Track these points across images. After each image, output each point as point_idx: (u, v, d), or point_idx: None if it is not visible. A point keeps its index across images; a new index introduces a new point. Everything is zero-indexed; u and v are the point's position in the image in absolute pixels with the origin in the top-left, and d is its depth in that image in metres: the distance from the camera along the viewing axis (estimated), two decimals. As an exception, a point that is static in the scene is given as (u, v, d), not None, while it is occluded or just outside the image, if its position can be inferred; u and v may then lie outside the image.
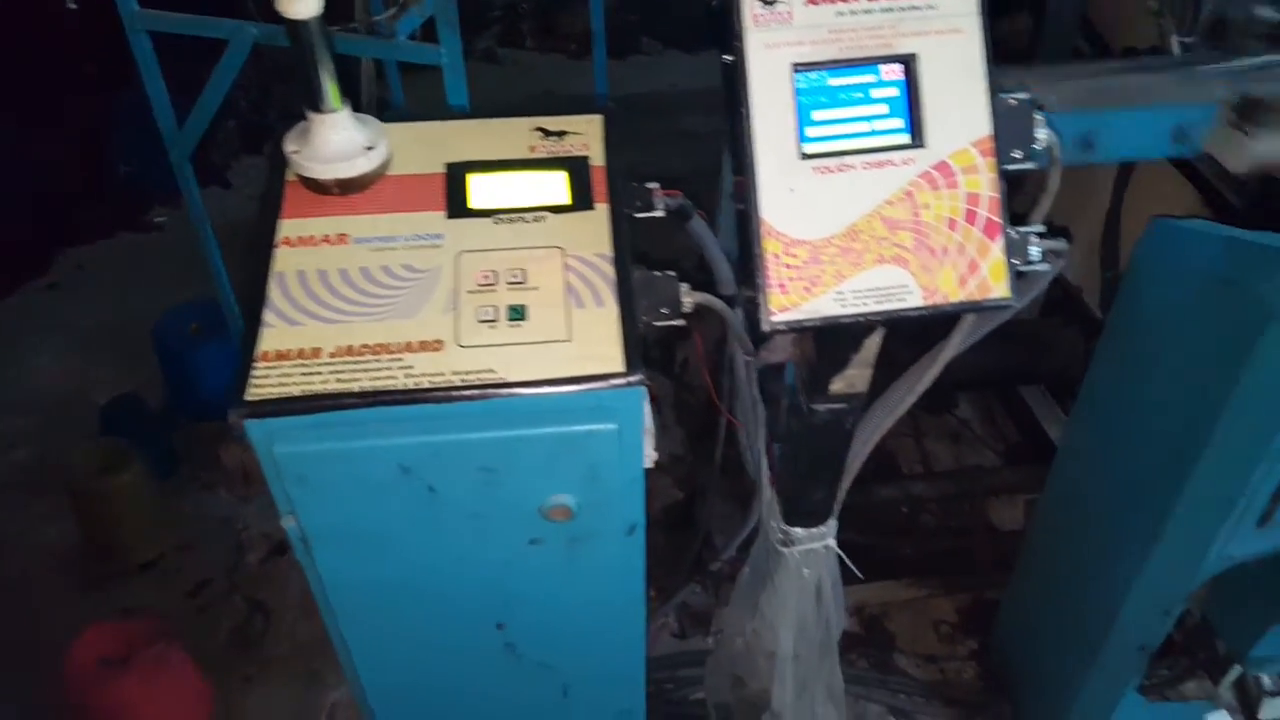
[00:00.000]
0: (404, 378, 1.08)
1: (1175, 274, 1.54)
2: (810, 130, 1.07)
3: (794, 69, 1.06)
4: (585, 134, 1.31)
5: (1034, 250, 1.12)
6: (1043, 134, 1.12)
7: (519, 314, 1.13)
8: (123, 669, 2.07)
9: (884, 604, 2.49)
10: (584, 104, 1.36)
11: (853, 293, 1.08)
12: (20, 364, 3.28)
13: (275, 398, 1.06)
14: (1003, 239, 1.09)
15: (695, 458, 2.71)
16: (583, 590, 1.33)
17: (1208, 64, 1.55)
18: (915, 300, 1.09)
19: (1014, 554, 2.19)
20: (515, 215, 1.22)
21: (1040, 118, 1.11)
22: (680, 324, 1.22)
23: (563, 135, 1.30)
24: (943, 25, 1.08)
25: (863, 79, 1.08)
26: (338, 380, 1.07)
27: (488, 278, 1.16)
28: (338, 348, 1.10)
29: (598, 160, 1.28)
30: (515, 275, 1.16)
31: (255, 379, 1.07)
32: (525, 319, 1.13)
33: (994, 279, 1.10)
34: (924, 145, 1.08)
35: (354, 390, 1.07)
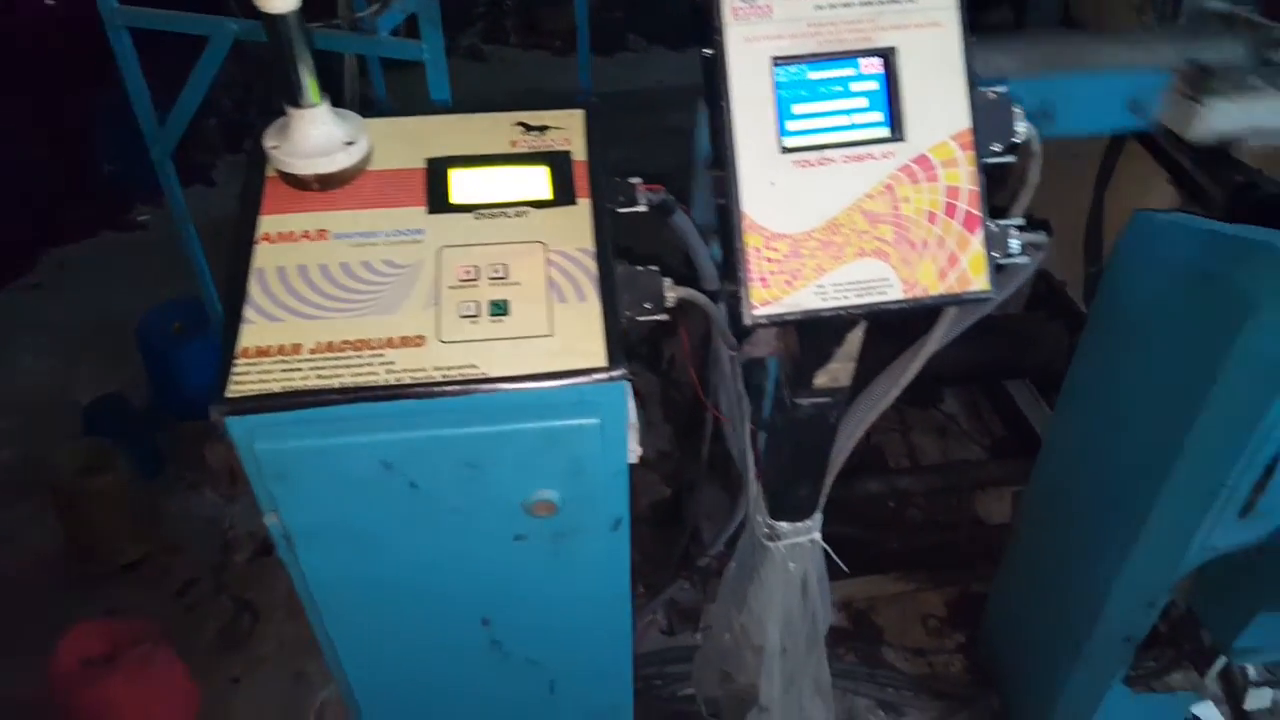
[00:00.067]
0: (385, 373, 1.08)
1: (1156, 267, 1.55)
2: (790, 124, 1.07)
3: (774, 62, 1.06)
4: (567, 129, 1.30)
5: (1014, 243, 1.12)
6: (1022, 127, 1.12)
7: (501, 309, 1.13)
8: (108, 669, 2.07)
9: (872, 598, 2.50)
10: (566, 99, 1.35)
11: (833, 286, 1.08)
12: (3, 364, 3.27)
13: (256, 394, 1.06)
14: (982, 232, 1.10)
15: (683, 454, 2.71)
16: (568, 585, 1.33)
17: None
18: (896, 293, 1.09)
19: (1001, 547, 2.20)
20: (497, 210, 1.22)
21: (1019, 110, 1.12)
22: (664, 319, 1.22)
23: (544, 130, 1.29)
24: (922, 19, 1.08)
25: (842, 72, 1.08)
26: (318, 376, 1.07)
27: (469, 273, 1.16)
28: (318, 344, 1.09)
29: (579, 155, 1.27)
30: (497, 270, 1.16)
31: (236, 376, 1.07)
32: (507, 314, 1.13)
33: (974, 272, 1.10)
34: (903, 139, 1.08)
35: (335, 386, 1.06)
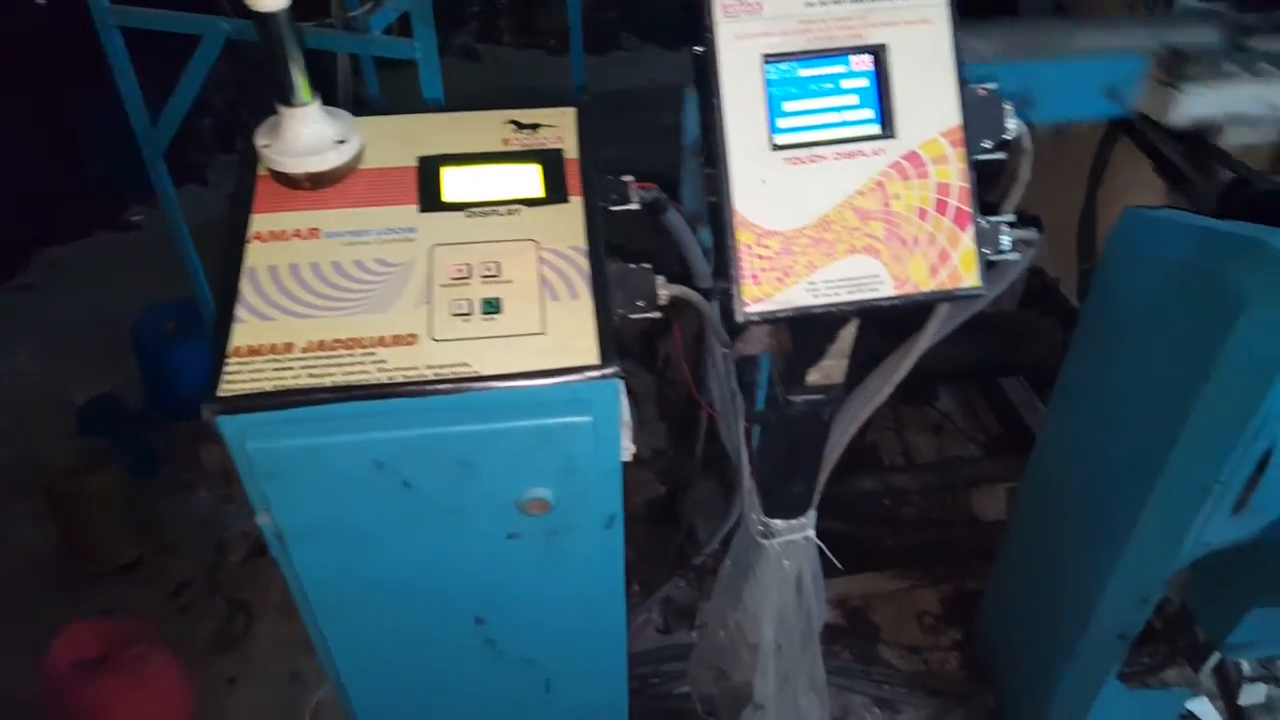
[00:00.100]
0: (377, 372, 1.08)
1: (1148, 264, 1.55)
2: (781, 121, 1.07)
3: (764, 60, 1.06)
4: (559, 127, 1.30)
5: (1005, 240, 1.12)
6: (1012, 124, 1.12)
7: (493, 307, 1.13)
8: (102, 670, 2.06)
9: (867, 595, 2.50)
10: (559, 98, 1.35)
11: (825, 283, 1.08)
12: (-3, 365, 3.26)
13: (248, 393, 1.06)
14: (973, 228, 1.10)
15: (678, 452, 2.71)
16: (562, 584, 1.33)
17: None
18: (887, 290, 1.09)
19: (996, 544, 2.20)
20: (489, 208, 1.22)
21: (1009, 107, 1.12)
22: (656, 317, 1.22)
23: (536, 128, 1.29)
24: (912, 16, 1.08)
25: (833, 70, 1.08)
26: (310, 375, 1.07)
27: (461, 271, 1.16)
28: (310, 342, 1.09)
29: (571, 153, 1.27)
30: (489, 268, 1.16)
31: (228, 375, 1.07)
32: (499, 312, 1.13)
33: (965, 268, 1.10)
34: (894, 136, 1.08)
35: (327, 385, 1.06)
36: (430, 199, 1.22)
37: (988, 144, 1.12)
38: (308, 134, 1.18)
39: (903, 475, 2.71)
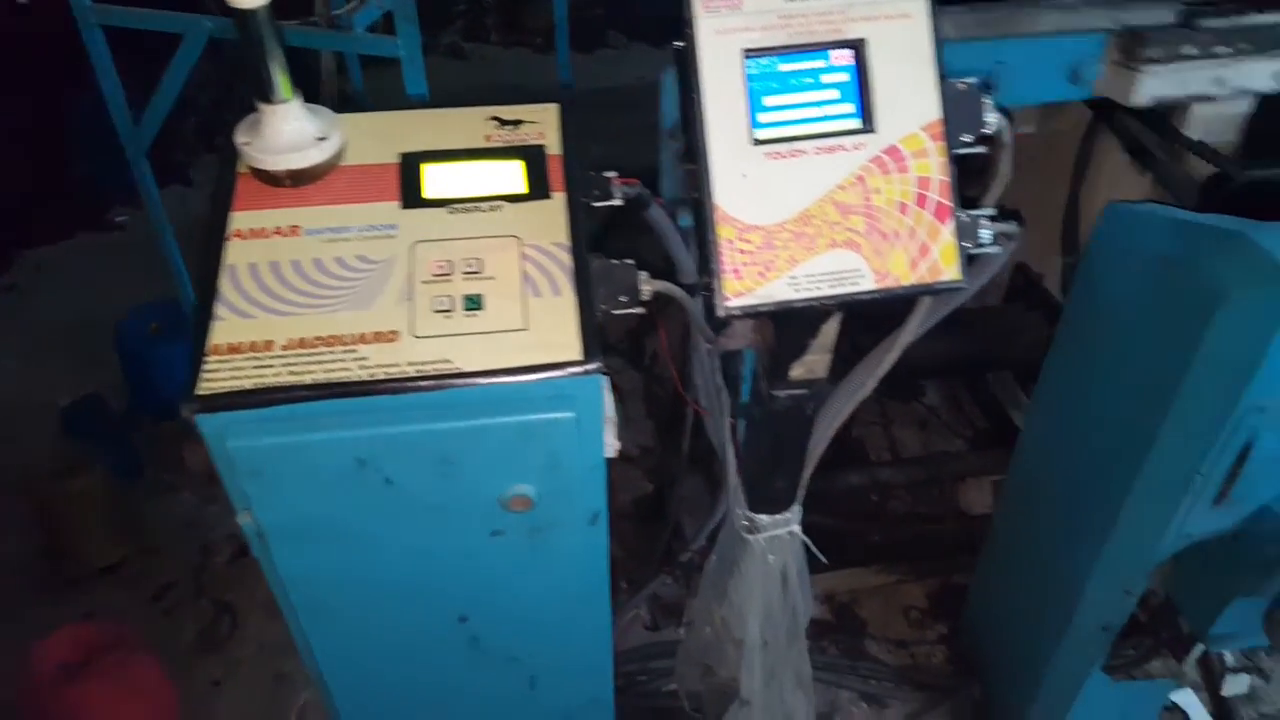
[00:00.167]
0: (358, 369, 1.07)
1: (1130, 258, 1.56)
2: (762, 116, 1.07)
3: (745, 55, 1.06)
4: (541, 123, 1.30)
5: (985, 233, 1.13)
6: (992, 118, 1.13)
7: (475, 304, 1.13)
8: (86, 673, 2.05)
9: (854, 590, 2.51)
10: (543, 95, 1.35)
11: (806, 277, 1.08)
12: (-21, 367, 3.23)
13: (227, 391, 1.05)
14: (953, 222, 1.10)
15: (665, 449, 2.71)
16: (546, 581, 1.33)
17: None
18: (868, 284, 1.09)
19: (982, 538, 2.21)
20: (471, 205, 1.21)
21: (989, 101, 1.12)
22: (640, 312, 1.22)
23: (518, 124, 1.29)
24: (892, 10, 1.08)
25: (813, 64, 1.08)
26: (290, 373, 1.06)
27: (443, 268, 1.15)
28: (290, 340, 1.09)
29: (554, 149, 1.27)
30: (471, 265, 1.16)
31: (206, 373, 1.06)
32: (482, 309, 1.13)
33: (945, 262, 1.10)
34: (874, 130, 1.09)
35: (307, 383, 1.06)
36: (412, 195, 1.21)
37: (967, 138, 1.12)
38: (288, 131, 1.18)
39: (889, 470, 2.72)
